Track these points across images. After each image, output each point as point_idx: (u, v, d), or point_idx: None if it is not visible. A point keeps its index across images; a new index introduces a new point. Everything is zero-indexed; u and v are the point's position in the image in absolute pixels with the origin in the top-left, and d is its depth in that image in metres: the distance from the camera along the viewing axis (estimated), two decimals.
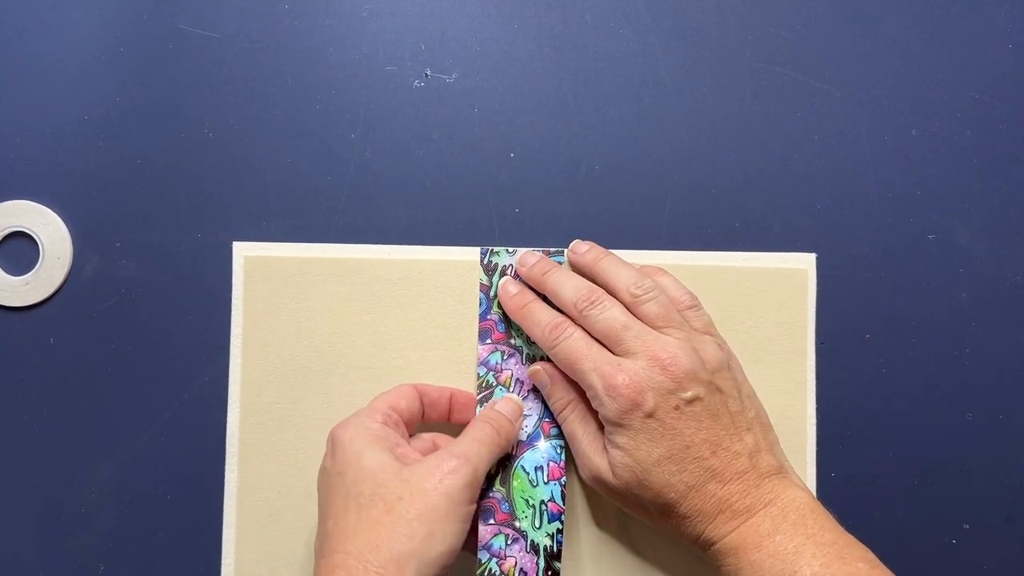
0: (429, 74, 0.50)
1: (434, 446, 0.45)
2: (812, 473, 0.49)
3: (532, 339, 0.46)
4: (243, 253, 0.49)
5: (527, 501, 0.44)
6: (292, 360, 0.49)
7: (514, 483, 0.45)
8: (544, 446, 0.46)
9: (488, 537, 0.43)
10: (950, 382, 0.50)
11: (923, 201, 0.50)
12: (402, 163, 0.50)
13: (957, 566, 0.49)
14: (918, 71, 0.51)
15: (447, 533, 0.39)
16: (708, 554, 0.42)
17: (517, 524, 0.44)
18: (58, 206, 0.50)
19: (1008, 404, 0.49)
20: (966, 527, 0.49)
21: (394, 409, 0.44)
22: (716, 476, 0.41)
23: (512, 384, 0.47)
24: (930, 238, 0.50)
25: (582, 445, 0.44)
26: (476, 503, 0.41)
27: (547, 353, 0.45)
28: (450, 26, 0.51)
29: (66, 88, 0.50)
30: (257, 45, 0.50)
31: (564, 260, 0.48)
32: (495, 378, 0.47)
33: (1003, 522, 0.49)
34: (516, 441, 0.45)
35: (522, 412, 0.46)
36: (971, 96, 0.51)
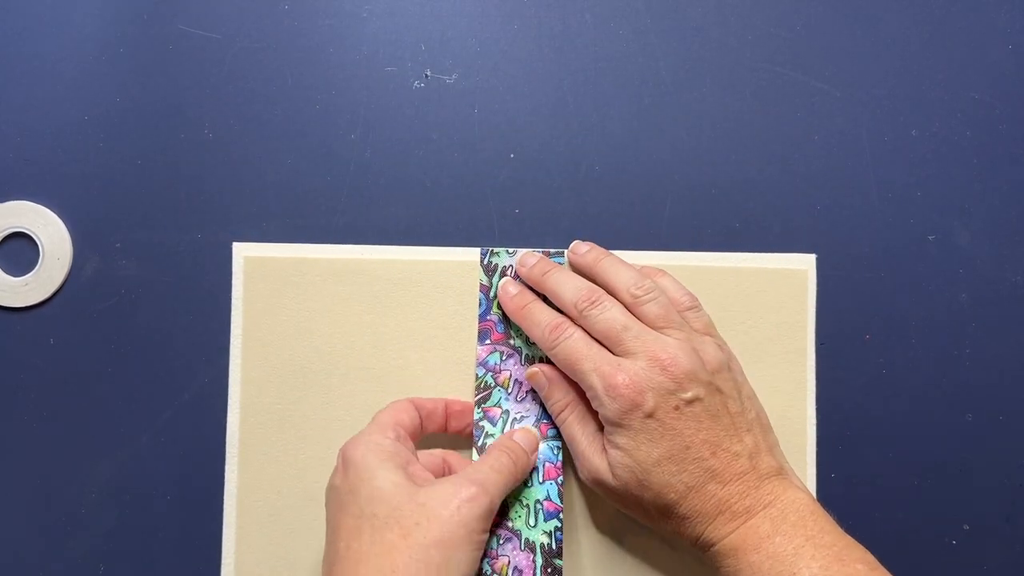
0: (429, 74, 0.50)
1: (444, 463, 0.44)
2: (812, 473, 0.49)
3: (532, 339, 0.46)
4: (243, 253, 0.49)
5: (520, 501, 0.44)
6: (292, 360, 0.49)
7: None
8: (541, 447, 0.46)
9: None
10: (950, 382, 0.49)
11: (923, 201, 0.50)
12: (402, 163, 0.50)
13: (957, 566, 0.49)
14: (918, 71, 0.51)
15: (461, 562, 0.39)
16: (707, 555, 0.42)
17: (509, 524, 0.44)
18: (58, 206, 0.50)
19: (1008, 404, 0.49)
20: (966, 527, 0.49)
21: (399, 424, 0.43)
22: (716, 477, 0.41)
23: (510, 385, 0.47)
24: (930, 238, 0.50)
25: (581, 446, 0.44)
26: (489, 532, 0.41)
27: (547, 353, 0.45)
28: (450, 26, 0.51)
29: (66, 88, 0.50)
30: (257, 45, 0.50)
31: (564, 261, 0.48)
32: (494, 379, 0.47)
33: (1003, 522, 0.49)
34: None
35: (538, 444, 0.46)
36: (971, 96, 0.51)
